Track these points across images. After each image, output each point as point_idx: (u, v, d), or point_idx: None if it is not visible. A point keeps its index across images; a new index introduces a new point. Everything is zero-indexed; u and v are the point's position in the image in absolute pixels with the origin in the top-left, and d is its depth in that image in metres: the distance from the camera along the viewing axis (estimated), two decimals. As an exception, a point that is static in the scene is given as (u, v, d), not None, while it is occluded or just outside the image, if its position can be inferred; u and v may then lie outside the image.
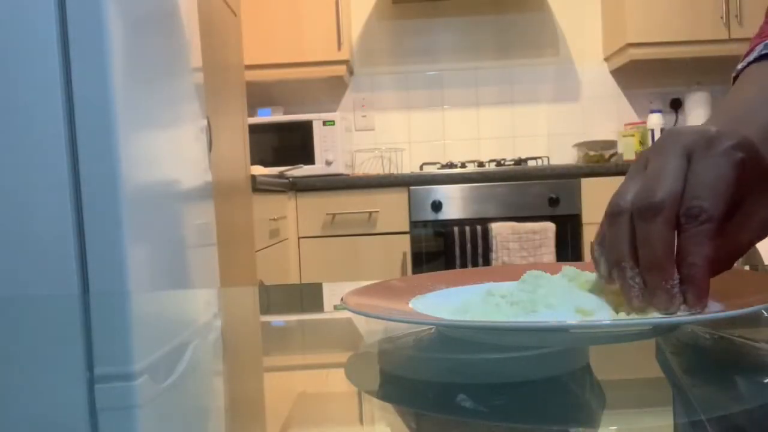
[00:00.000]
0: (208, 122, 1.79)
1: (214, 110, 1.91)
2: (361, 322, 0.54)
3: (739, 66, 0.58)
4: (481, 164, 3.34)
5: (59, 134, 1.15)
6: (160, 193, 1.38)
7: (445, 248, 2.93)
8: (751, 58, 0.56)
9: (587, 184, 2.97)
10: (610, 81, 3.58)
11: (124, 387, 0.39)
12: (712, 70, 3.50)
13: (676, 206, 0.40)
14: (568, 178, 2.99)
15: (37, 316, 0.69)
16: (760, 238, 0.43)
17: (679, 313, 0.41)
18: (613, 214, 0.42)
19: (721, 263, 0.42)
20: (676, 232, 0.40)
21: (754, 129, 0.45)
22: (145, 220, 1.27)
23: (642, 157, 0.44)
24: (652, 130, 3.35)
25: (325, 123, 3.16)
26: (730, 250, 0.42)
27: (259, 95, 3.46)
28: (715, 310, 0.41)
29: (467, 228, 2.91)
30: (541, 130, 3.60)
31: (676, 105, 3.54)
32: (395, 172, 3.52)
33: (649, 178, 0.41)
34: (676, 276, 0.40)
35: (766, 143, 0.45)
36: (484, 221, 2.94)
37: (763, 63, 0.55)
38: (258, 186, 2.33)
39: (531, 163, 3.33)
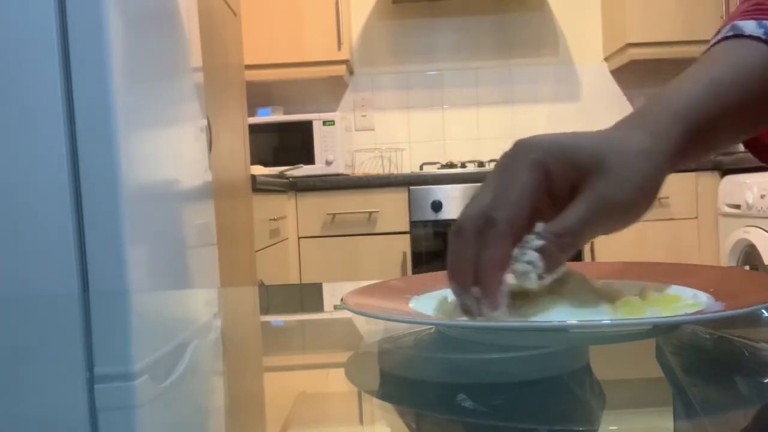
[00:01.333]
0: (208, 122, 1.79)
1: (214, 110, 1.91)
2: (361, 322, 0.54)
3: (705, 48, 0.56)
4: (481, 164, 3.34)
5: (59, 134, 1.15)
6: (160, 193, 1.38)
7: (445, 248, 2.92)
8: (714, 40, 0.54)
9: (587, 184, 2.97)
10: (610, 81, 3.58)
11: (124, 387, 0.39)
12: (712, 70, 3.49)
13: (475, 222, 0.42)
14: (568, 178, 2.98)
15: (37, 316, 0.69)
16: (604, 224, 0.43)
17: (679, 314, 0.41)
18: (452, 232, 0.44)
19: (555, 241, 0.42)
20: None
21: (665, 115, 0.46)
22: (145, 220, 1.27)
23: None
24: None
25: (325, 123, 3.16)
26: (559, 225, 0.42)
27: (259, 95, 3.46)
28: (715, 310, 0.41)
29: (467, 228, 2.91)
30: (541, 130, 3.59)
31: (676, 105, 3.54)
32: (395, 172, 3.52)
33: (471, 199, 0.45)
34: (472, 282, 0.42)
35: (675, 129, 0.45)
36: (484, 221, 2.93)
37: (727, 43, 0.53)
38: (258, 186, 2.33)
39: (531, 163, 3.33)
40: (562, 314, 0.41)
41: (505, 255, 0.42)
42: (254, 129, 2.84)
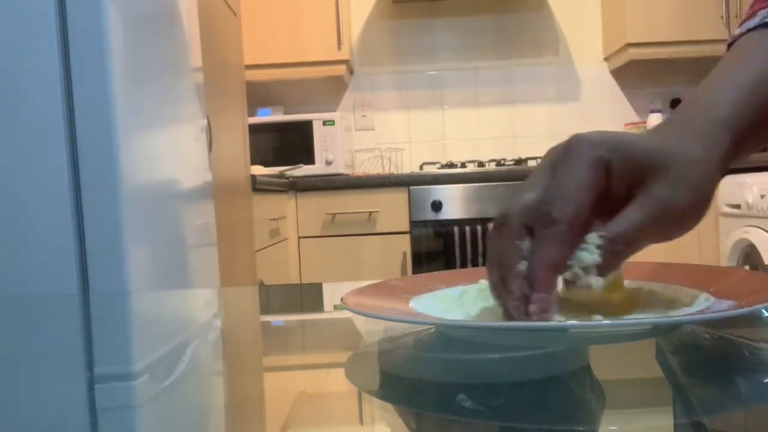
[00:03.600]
0: (208, 122, 1.79)
1: (214, 110, 1.91)
2: (361, 322, 0.54)
3: (737, 32, 0.54)
4: (481, 164, 3.34)
5: (59, 134, 1.15)
6: (160, 193, 1.38)
7: (445, 248, 2.93)
8: (751, 24, 0.52)
9: (587, 184, 2.97)
10: (610, 81, 3.58)
11: (124, 387, 0.39)
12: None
13: (523, 217, 0.40)
14: (568, 178, 2.98)
15: (37, 316, 0.69)
16: (659, 230, 0.41)
17: (679, 314, 0.41)
18: (494, 226, 0.43)
19: (612, 247, 0.40)
20: (526, 243, 0.40)
21: (721, 109, 0.44)
22: (145, 220, 1.27)
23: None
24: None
25: (325, 123, 3.16)
26: (615, 231, 0.40)
27: (259, 95, 3.46)
28: (715, 310, 0.41)
29: (467, 228, 2.91)
30: (541, 130, 3.60)
31: (676, 105, 3.54)
32: (395, 172, 3.52)
33: (515, 194, 0.43)
34: (518, 284, 0.40)
35: (732, 127, 0.44)
36: (484, 221, 2.94)
37: (755, 34, 0.51)
38: (258, 186, 2.33)
39: (531, 163, 3.33)
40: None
41: (563, 256, 0.39)
42: (254, 129, 2.84)
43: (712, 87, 0.48)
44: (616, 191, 0.41)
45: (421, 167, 3.48)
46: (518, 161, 3.34)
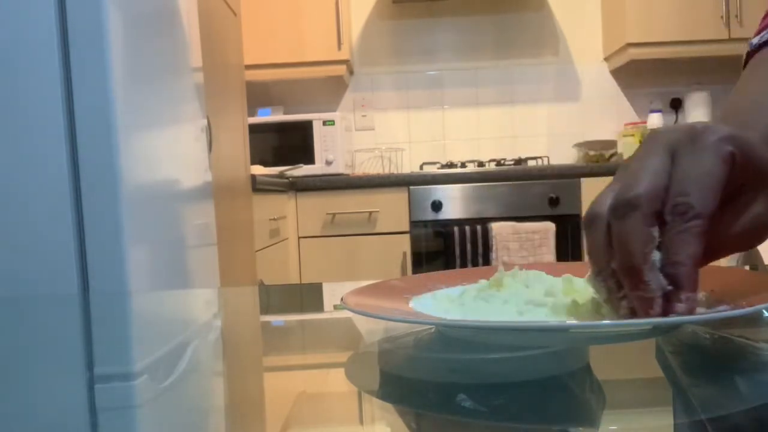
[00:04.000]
0: (208, 122, 1.79)
1: (214, 110, 1.91)
2: (361, 322, 0.54)
3: (755, 41, 0.53)
4: (481, 164, 3.34)
5: (59, 134, 1.15)
6: (160, 193, 1.38)
7: (445, 248, 2.93)
8: (760, 39, 0.52)
9: (587, 183, 2.97)
10: (610, 81, 3.58)
11: (124, 387, 0.39)
12: (712, 70, 3.50)
13: (656, 203, 0.38)
14: (568, 177, 2.99)
15: (37, 316, 0.69)
16: (753, 239, 0.40)
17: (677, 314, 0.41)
18: (588, 221, 0.40)
19: (702, 259, 0.39)
20: (656, 232, 0.38)
21: (760, 128, 0.44)
22: (145, 220, 1.27)
23: (624, 164, 0.42)
24: (652, 130, 3.35)
25: (325, 123, 3.16)
26: (713, 247, 0.40)
27: (259, 95, 3.46)
28: (715, 310, 0.41)
29: (467, 228, 2.91)
30: (541, 130, 3.60)
31: (676, 105, 3.54)
32: (395, 171, 3.52)
33: (627, 178, 0.39)
34: (657, 277, 0.38)
35: None
36: (484, 221, 2.94)
37: None
38: (258, 186, 2.33)
39: (531, 163, 3.33)
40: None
41: (702, 253, 0.38)
42: (254, 129, 2.84)
43: (760, 100, 0.46)
44: (729, 185, 0.39)
45: (421, 167, 3.48)
46: (518, 161, 3.34)
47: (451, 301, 0.48)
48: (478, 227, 2.91)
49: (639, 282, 0.37)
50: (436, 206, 2.98)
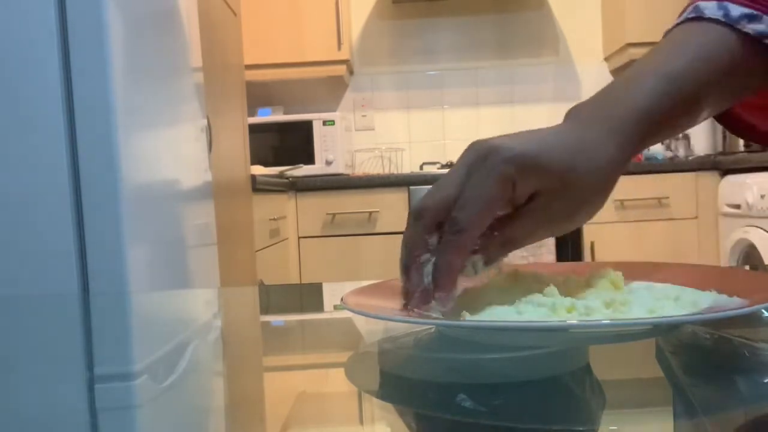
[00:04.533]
0: (208, 122, 1.79)
1: (214, 110, 1.91)
2: (361, 322, 0.54)
3: (673, 23, 0.56)
4: (481, 164, 3.33)
5: (59, 134, 1.15)
6: (160, 193, 1.38)
7: (445, 248, 2.93)
8: (683, 17, 0.55)
9: (587, 184, 2.96)
10: (610, 81, 3.58)
11: (124, 387, 0.39)
12: (712, 70, 3.50)
13: (438, 214, 0.44)
14: (568, 178, 2.98)
15: (37, 316, 0.69)
16: (550, 232, 0.47)
17: (678, 313, 0.41)
18: (412, 216, 0.47)
19: (493, 252, 0.46)
20: (434, 239, 0.44)
21: (615, 115, 0.47)
22: (145, 220, 1.27)
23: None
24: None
25: (325, 123, 3.16)
26: (517, 238, 0.46)
27: (259, 95, 3.46)
28: (715, 310, 0.41)
29: (467, 228, 2.91)
30: (541, 130, 3.60)
31: (676, 105, 3.54)
32: (395, 171, 3.52)
33: (433, 186, 0.46)
34: (418, 276, 0.44)
35: (625, 131, 0.46)
36: (484, 221, 2.94)
37: (687, 26, 0.54)
38: (258, 186, 2.33)
39: (531, 163, 3.33)
40: (501, 312, 0.42)
41: (463, 261, 0.44)
42: (254, 129, 2.84)
43: (635, 76, 0.50)
44: (518, 197, 0.45)
45: (421, 167, 3.48)
46: (518, 161, 3.34)
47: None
48: (478, 227, 2.91)
49: (405, 277, 0.45)
50: (436, 206, 2.97)
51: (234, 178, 2.15)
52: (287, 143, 3.18)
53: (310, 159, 3.15)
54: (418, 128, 3.62)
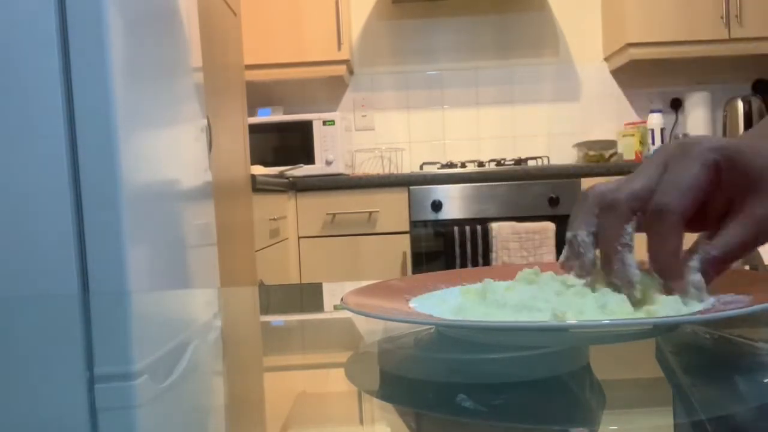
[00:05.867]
0: (208, 122, 1.79)
1: (214, 110, 1.91)
2: (361, 322, 0.54)
3: None
4: (481, 164, 3.34)
5: (59, 134, 1.15)
6: (160, 193, 1.38)
7: (445, 248, 2.93)
8: None
9: (587, 183, 2.97)
10: (610, 81, 3.58)
11: (124, 387, 0.39)
12: (712, 70, 3.50)
13: (634, 204, 0.43)
14: (568, 177, 2.99)
15: (37, 316, 0.69)
16: (758, 239, 0.43)
17: (678, 313, 0.41)
18: (602, 207, 0.45)
19: (717, 264, 0.43)
20: (631, 228, 0.44)
21: None
22: (145, 220, 1.27)
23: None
24: (652, 130, 3.35)
25: (325, 123, 3.16)
26: (722, 249, 0.43)
27: (259, 95, 3.46)
28: (715, 310, 0.41)
29: (467, 228, 2.91)
30: (541, 130, 3.60)
31: (676, 105, 3.55)
32: (395, 171, 3.52)
33: (623, 181, 0.45)
34: (624, 269, 0.43)
35: None
36: (484, 221, 2.94)
37: None
38: (258, 186, 2.33)
39: (531, 163, 3.33)
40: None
41: (681, 245, 0.42)
42: (254, 129, 2.84)
43: None
44: (716, 198, 0.43)
45: (421, 167, 3.48)
46: (518, 161, 3.34)
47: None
48: (478, 227, 2.91)
49: (606, 265, 0.44)
50: (436, 206, 2.98)
51: (234, 178, 2.15)
52: (287, 143, 3.18)
53: (310, 159, 3.15)
54: (418, 128, 3.62)
